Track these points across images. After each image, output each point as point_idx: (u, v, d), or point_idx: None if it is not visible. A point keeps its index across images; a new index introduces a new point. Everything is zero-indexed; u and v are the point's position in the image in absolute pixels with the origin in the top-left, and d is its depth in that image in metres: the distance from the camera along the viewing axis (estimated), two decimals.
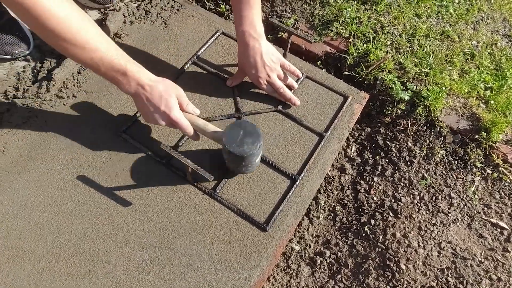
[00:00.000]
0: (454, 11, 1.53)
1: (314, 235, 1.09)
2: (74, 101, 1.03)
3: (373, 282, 1.00)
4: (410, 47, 1.38)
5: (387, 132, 1.26)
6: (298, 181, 0.97)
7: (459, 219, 1.11)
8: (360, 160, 1.23)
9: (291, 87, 1.10)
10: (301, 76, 1.13)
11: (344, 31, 1.40)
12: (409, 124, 1.25)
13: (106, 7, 1.21)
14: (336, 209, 1.13)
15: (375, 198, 1.14)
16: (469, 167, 1.20)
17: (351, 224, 1.11)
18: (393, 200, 1.13)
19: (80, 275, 0.82)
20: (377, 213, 1.11)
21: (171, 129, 1.01)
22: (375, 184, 1.17)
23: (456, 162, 1.20)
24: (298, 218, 0.96)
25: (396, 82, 1.26)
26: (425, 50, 1.37)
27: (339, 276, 1.02)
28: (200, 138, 0.94)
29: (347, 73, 1.33)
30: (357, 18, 1.43)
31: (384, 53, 1.34)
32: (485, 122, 1.22)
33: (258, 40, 0.97)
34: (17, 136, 0.96)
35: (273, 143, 1.03)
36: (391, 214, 1.10)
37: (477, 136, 1.21)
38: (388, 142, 1.24)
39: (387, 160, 1.21)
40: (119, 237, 0.87)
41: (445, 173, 1.19)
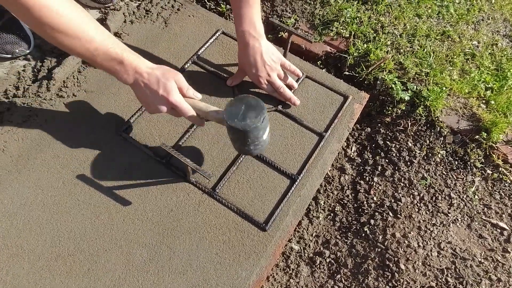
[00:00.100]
0: (455, 11, 1.53)
1: (314, 235, 1.09)
2: (74, 100, 1.03)
3: (373, 282, 1.00)
4: (411, 47, 1.38)
5: (387, 132, 1.26)
6: (298, 181, 0.97)
7: (459, 220, 1.11)
8: (360, 160, 1.23)
9: (291, 87, 1.10)
10: (301, 76, 1.13)
11: (345, 31, 1.40)
12: (409, 124, 1.24)
13: (107, 7, 1.21)
14: (336, 209, 1.13)
15: (375, 198, 1.14)
16: (469, 168, 1.20)
17: (351, 224, 1.10)
18: (393, 200, 1.13)
19: (80, 274, 0.82)
20: (377, 213, 1.11)
21: (171, 128, 1.02)
22: (375, 184, 1.16)
23: (456, 163, 1.20)
24: (298, 218, 0.96)
25: (397, 82, 1.26)
26: (426, 50, 1.37)
27: (339, 276, 1.02)
28: (200, 138, 0.94)
29: (347, 73, 1.33)
30: (358, 18, 1.43)
31: (385, 53, 1.34)
32: (486, 123, 1.22)
33: (258, 39, 0.97)
34: (17, 135, 0.96)
35: (273, 143, 1.03)
36: (391, 214, 1.10)
37: (478, 137, 1.21)
38: (388, 142, 1.24)
39: (387, 160, 1.21)
40: (119, 236, 0.87)
41: (445, 173, 1.19)
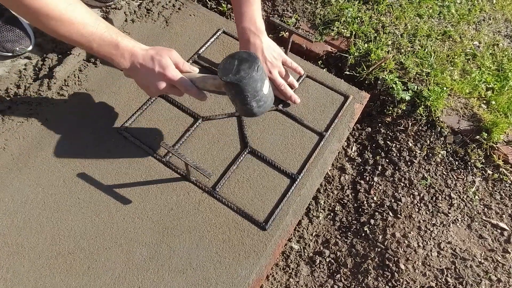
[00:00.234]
0: (456, 11, 1.53)
1: (314, 235, 1.09)
2: (75, 99, 1.04)
3: (372, 282, 1.00)
4: (412, 47, 1.38)
5: (388, 132, 1.26)
6: (298, 180, 0.97)
7: (459, 220, 1.11)
8: (360, 160, 1.23)
9: (292, 86, 1.10)
10: (303, 73, 1.13)
11: (345, 31, 1.40)
12: (410, 124, 1.24)
13: (108, 5, 1.21)
14: (336, 209, 1.13)
15: (375, 198, 1.14)
16: (470, 168, 1.19)
17: (351, 224, 1.10)
18: (393, 200, 1.13)
19: (80, 272, 0.82)
20: (377, 213, 1.11)
21: (172, 127, 1.02)
22: (375, 184, 1.16)
23: (457, 163, 1.20)
24: (298, 217, 0.96)
25: (397, 82, 1.26)
26: (427, 50, 1.37)
27: (338, 276, 1.02)
28: (201, 137, 0.94)
29: (348, 73, 1.33)
30: (359, 18, 1.43)
31: (385, 53, 1.34)
32: (486, 123, 1.22)
33: (259, 36, 0.97)
34: (18, 134, 0.96)
35: (273, 142, 1.03)
36: (391, 214, 1.10)
37: (478, 137, 1.21)
38: (389, 142, 1.24)
39: (388, 160, 1.21)
40: (119, 235, 0.87)
41: (446, 174, 1.19)
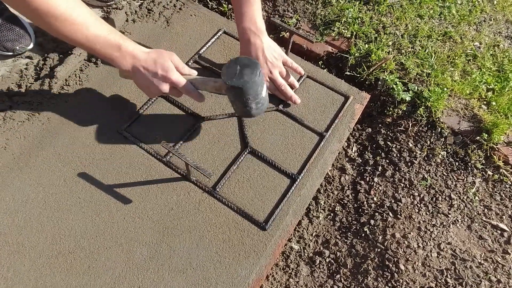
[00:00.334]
0: (457, 12, 1.53)
1: (314, 235, 1.09)
2: (76, 99, 1.04)
3: (372, 282, 1.01)
4: (412, 48, 1.38)
5: (388, 133, 1.26)
6: (298, 181, 0.98)
7: (459, 221, 1.11)
8: (361, 160, 1.23)
9: (293, 86, 1.10)
10: (303, 74, 1.13)
11: (346, 31, 1.40)
12: (410, 125, 1.24)
13: (109, 5, 1.21)
14: (336, 209, 1.13)
15: (375, 199, 1.14)
16: (470, 169, 1.19)
17: (351, 224, 1.11)
18: (393, 201, 1.13)
19: (80, 272, 0.82)
20: (377, 214, 1.11)
21: (172, 127, 1.02)
22: (375, 185, 1.17)
23: (457, 163, 1.20)
24: (298, 218, 0.96)
25: (398, 83, 1.26)
26: (427, 51, 1.37)
27: (338, 276, 1.02)
28: (201, 137, 0.94)
29: (349, 73, 1.33)
30: (359, 18, 1.43)
31: (386, 54, 1.34)
32: (487, 124, 1.22)
33: (260, 36, 0.97)
34: (19, 133, 0.97)
35: (274, 142, 1.03)
36: (391, 215, 1.10)
37: (478, 138, 1.21)
38: (389, 143, 1.24)
39: (388, 161, 1.21)
40: (119, 234, 0.87)
41: (446, 174, 1.19)
